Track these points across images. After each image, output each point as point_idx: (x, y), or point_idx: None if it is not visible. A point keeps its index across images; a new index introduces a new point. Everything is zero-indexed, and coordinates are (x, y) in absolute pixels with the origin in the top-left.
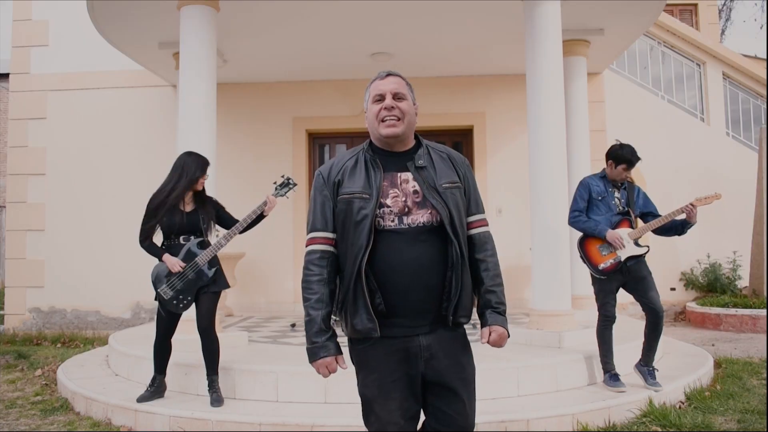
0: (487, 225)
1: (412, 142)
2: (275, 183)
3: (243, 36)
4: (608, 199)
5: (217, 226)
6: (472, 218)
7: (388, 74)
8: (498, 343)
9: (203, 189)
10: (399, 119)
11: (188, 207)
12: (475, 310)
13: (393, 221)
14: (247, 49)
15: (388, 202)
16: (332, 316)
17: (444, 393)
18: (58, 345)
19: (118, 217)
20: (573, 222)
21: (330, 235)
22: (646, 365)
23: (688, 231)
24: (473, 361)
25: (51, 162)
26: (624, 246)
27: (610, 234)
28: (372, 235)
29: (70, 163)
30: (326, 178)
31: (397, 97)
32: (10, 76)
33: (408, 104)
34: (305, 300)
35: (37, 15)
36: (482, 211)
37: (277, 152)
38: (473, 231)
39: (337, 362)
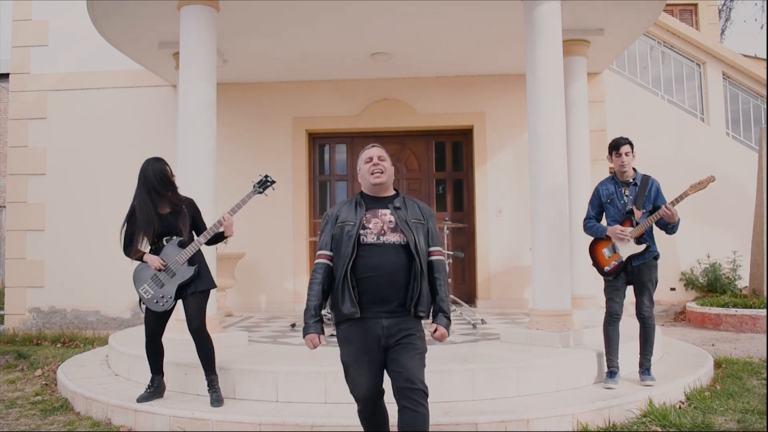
0: (442, 255)
1: (392, 191)
2: (253, 181)
3: (243, 36)
4: (616, 200)
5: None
6: (432, 248)
7: (372, 146)
8: (440, 339)
9: (176, 191)
10: (382, 173)
11: (165, 210)
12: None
13: (373, 238)
14: (247, 49)
15: (370, 226)
16: (323, 310)
17: (395, 353)
18: (58, 345)
19: (118, 217)
20: (584, 228)
21: (329, 252)
22: (640, 366)
23: (678, 230)
24: (423, 340)
25: (51, 162)
26: (626, 236)
27: (610, 230)
28: (356, 246)
29: (70, 163)
30: (330, 216)
31: (380, 158)
32: (10, 76)
33: (388, 163)
34: (307, 294)
35: (37, 15)
36: (439, 245)
37: (277, 152)
38: (432, 258)
39: (318, 339)
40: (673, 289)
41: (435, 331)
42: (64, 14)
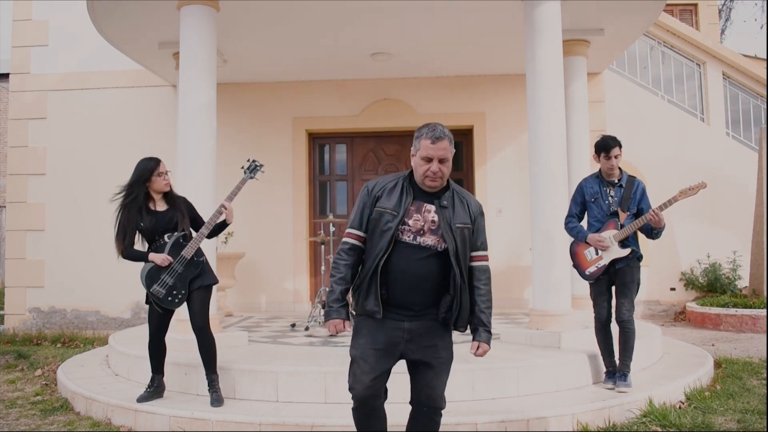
0: (487, 260)
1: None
2: (243, 167)
3: (243, 36)
4: (601, 200)
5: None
6: (475, 253)
7: (438, 138)
8: (481, 355)
9: (171, 189)
10: (441, 178)
11: (161, 207)
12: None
13: (409, 237)
14: (247, 49)
15: (410, 222)
16: (348, 293)
17: (419, 368)
18: (58, 345)
19: None
20: (565, 227)
21: (361, 234)
22: (618, 370)
23: (661, 235)
24: (451, 348)
25: (51, 162)
26: (608, 246)
27: (591, 237)
28: (392, 243)
29: (70, 163)
30: (370, 191)
31: (441, 161)
32: (10, 76)
33: (449, 164)
34: (332, 276)
35: (37, 15)
36: (485, 249)
37: (277, 152)
38: (475, 263)
39: (343, 325)
40: (673, 289)
41: (477, 348)
42: (64, 14)
